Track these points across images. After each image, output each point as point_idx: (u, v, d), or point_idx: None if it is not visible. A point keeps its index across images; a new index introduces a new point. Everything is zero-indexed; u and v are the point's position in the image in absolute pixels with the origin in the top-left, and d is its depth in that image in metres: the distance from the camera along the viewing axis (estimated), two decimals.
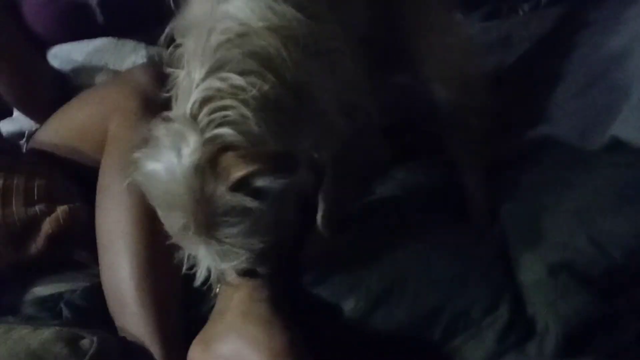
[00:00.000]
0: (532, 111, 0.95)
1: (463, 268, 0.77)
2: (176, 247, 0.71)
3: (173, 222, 0.67)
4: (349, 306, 0.77)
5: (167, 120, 0.67)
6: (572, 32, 0.97)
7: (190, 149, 0.64)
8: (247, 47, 0.67)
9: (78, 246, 0.93)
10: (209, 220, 0.65)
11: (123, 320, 0.83)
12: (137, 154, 0.68)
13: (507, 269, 0.78)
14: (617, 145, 0.82)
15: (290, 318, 0.74)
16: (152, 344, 0.81)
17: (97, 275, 0.87)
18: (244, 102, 0.65)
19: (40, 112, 1.06)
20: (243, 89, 0.65)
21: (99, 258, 0.87)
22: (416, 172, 0.91)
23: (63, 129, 0.99)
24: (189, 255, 0.69)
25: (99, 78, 1.06)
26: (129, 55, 1.06)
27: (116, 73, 1.04)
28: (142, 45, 1.06)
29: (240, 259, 0.67)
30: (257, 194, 0.65)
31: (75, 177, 0.98)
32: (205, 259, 0.68)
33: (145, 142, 0.68)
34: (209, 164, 0.64)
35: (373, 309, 0.76)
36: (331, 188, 0.84)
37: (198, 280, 0.69)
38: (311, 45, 0.70)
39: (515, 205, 0.83)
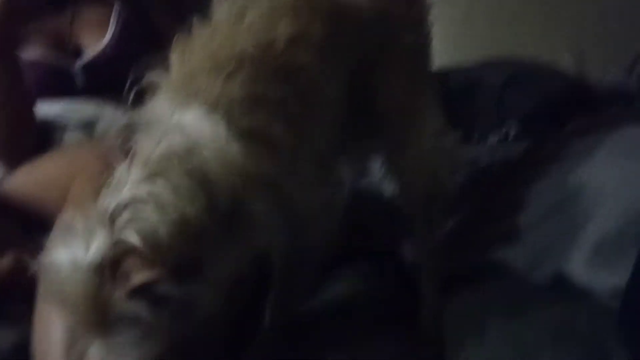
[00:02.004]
0: (491, 232, 0.98)
1: None
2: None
3: (68, 315, 0.66)
4: None
5: (89, 210, 0.67)
6: (536, 164, 1.01)
7: (96, 247, 0.63)
8: (189, 166, 0.67)
9: (17, 298, 0.91)
10: (99, 323, 0.63)
11: None
12: (52, 238, 0.67)
13: None
14: (560, 282, 0.84)
15: None
16: None
17: (29, 330, 0.85)
18: (165, 217, 0.64)
19: (15, 160, 1.07)
20: (168, 205, 0.64)
21: (35, 313, 0.85)
22: (367, 276, 0.92)
23: (28, 181, 1.00)
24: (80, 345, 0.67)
25: (69, 136, 1.07)
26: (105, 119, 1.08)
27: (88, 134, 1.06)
28: (120, 111, 1.08)
29: None
30: (156, 302, 0.63)
31: (30, 230, 0.97)
32: (95, 357, 0.65)
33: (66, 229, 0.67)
34: (111, 266, 0.63)
35: None
36: (280, 290, 0.85)
37: None
38: (258, 179, 0.70)
39: (459, 320, 0.84)
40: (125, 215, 0.64)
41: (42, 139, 1.11)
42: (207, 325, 0.69)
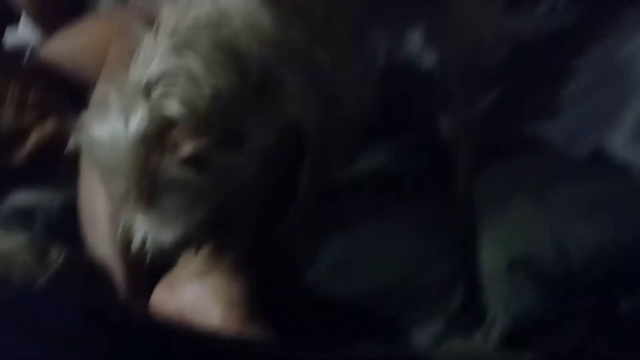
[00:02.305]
0: (530, 106, 0.96)
1: (425, 248, 0.78)
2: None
3: (114, 187, 0.67)
4: (310, 270, 0.78)
5: (122, 84, 0.67)
6: (583, 36, 0.97)
7: (137, 119, 0.63)
8: (218, 37, 0.66)
9: (62, 161, 0.94)
10: (150, 189, 0.64)
11: (93, 241, 0.85)
12: (86, 116, 0.68)
13: (468, 254, 0.80)
14: (600, 156, 0.83)
15: (251, 274, 0.75)
16: (117, 270, 0.83)
17: (76, 192, 0.89)
18: (198, 89, 0.64)
19: (51, 25, 1.07)
20: (200, 78, 0.64)
21: (80, 175, 0.89)
22: (397, 149, 0.92)
23: (67, 46, 1.00)
24: (125, 223, 0.69)
25: (105, 1, 1.06)
26: None
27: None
28: None
29: (179, 231, 0.67)
30: (202, 169, 0.65)
31: (71, 95, 0.99)
32: (142, 228, 0.67)
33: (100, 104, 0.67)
34: (155, 136, 0.63)
35: (332, 276, 0.78)
36: (314, 162, 0.85)
37: (133, 249, 0.69)
38: (290, 49, 0.68)
39: (489, 194, 0.84)
40: (160, 88, 0.64)
41: (77, 4, 1.10)
42: (247, 193, 0.71)
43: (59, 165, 0.94)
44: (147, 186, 0.64)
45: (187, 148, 0.63)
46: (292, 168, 0.87)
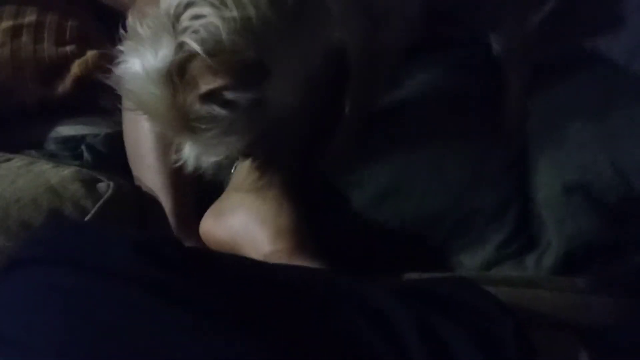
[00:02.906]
0: (588, 19, 0.89)
1: (475, 173, 0.76)
2: None
3: (152, 119, 0.67)
4: (357, 197, 0.77)
5: (154, 14, 0.64)
6: None
7: (163, 52, 0.61)
8: None
9: (104, 91, 0.94)
10: (184, 124, 0.64)
11: (140, 171, 0.86)
12: (121, 46, 0.66)
13: (520, 179, 0.77)
14: None
15: (299, 200, 0.75)
16: (165, 199, 0.83)
17: (120, 123, 0.89)
18: (226, 17, 0.61)
19: None
20: (227, 6, 0.61)
21: (123, 106, 0.88)
22: (448, 66, 0.88)
23: None
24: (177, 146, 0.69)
25: None
26: None
27: None
28: None
29: (220, 155, 0.67)
30: (226, 104, 0.63)
31: (109, 22, 0.97)
32: (190, 152, 0.68)
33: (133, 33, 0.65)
34: (178, 70, 0.61)
35: (380, 203, 0.76)
36: (358, 85, 0.82)
37: (188, 169, 0.69)
38: None
39: (543, 116, 0.80)
40: (186, 17, 0.62)
41: None
42: (289, 120, 0.69)
43: (101, 96, 0.94)
44: (180, 121, 0.64)
45: (205, 85, 0.61)
46: (336, 92, 0.84)
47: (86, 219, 0.79)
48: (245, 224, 0.75)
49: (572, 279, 0.69)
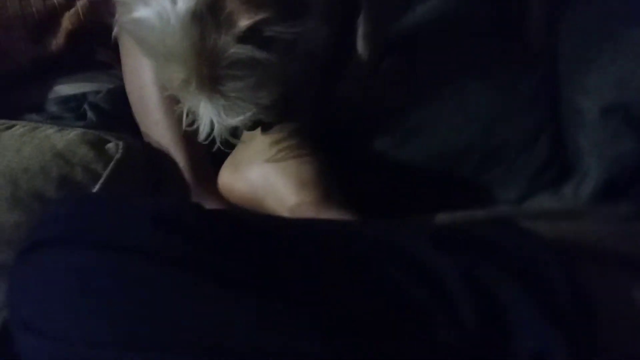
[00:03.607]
0: None
1: (504, 102, 0.71)
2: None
3: (171, 75, 0.60)
4: (380, 137, 0.73)
5: None
6: None
7: None
8: None
9: (100, 44, 0.89)
10: (212, 73, 0.58)
11: (148, 127, 0.82)
12: None
13: (552, 104, 0.73)
14: None
15: (320, 147, 0.71)
16: (178, 154, 0.80)
17: (121, 77, 0.84)
18: None
19: None
20: None
21: (121, 59, 0.83)
22: None
23: None
24: (188, 110, 0.64)
25: None
26: None
27: None
28: None
29: (247, 113, 0.61)
30: (265, 44, 0.57)
31: None
32: (207, 114, 0.62)
33: None
34: (209, 10, 0.55)
35: (404, 142, 0.72)
36: (369, 14, 0.76)
37: (201, 136, 0.64)
38: None
39: (571, 34, 0.74)
40: None
41: None
42: (312, 63, 0.64)
43: (98, 49, 0.89)
44: (208, 69, 0.58)
45: (244, 22, 0.56)
46: (347, 25, 0.79)
47: (99, 183, 0.76)
48: (265, 176, 0.72)
49: (615, 206, 0.66)
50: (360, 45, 0.78)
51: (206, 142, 0.64)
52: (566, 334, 0.49)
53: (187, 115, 0.64)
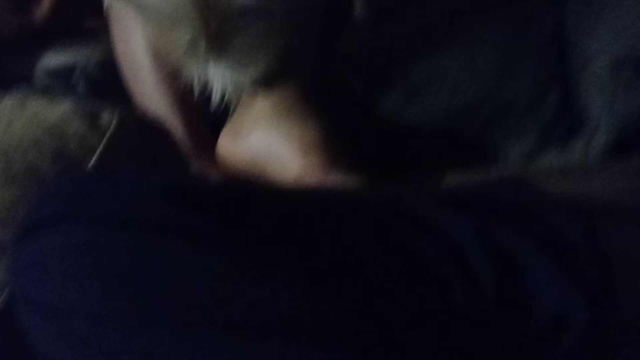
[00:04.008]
0: None
1: (510, 57, 0.69)
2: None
3: (177, 39, 0.57)
4: (383, 97, 0.71)
5: None
6: None
7: None
8: None
9: (86, 11, 0.86)
10: (221, 28, 0.55)
11: (141, 96, 0.79)
12: None
13: (560, 55, 0.71)
14: None
15: (323, 111, 0.69)
16: (173, 122, 0.77)
17: (110, 46, 0.81)
18: None
19: None
20: None
21: (112, 30, 0.80)
22: None
23: None
24: (199, 78, 0.61)
25: None
26: None
27: None
28: None
29: (258, 67, 0.59)
30: None
31: None
32: (218, 75, 0.59)
33: None
34: None
35: (408, 100, 0.70)
36: None
37: (213, 104, 0.61)
38: None
39: None
40: None
41: None
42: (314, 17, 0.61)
43: (85, 16, 0.86)
44: (216, 24, 0.55)
45: None
46: None
47: (94, 156, 0.74)
48: (268, 141, 0.69)
49: (627, 160, 0.65)
50: (357, 4, 0.76)
51: (220, 107, 0.62)
52: (587, 293, 0.48)
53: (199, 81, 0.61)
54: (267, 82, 0.63)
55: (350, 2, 0.75)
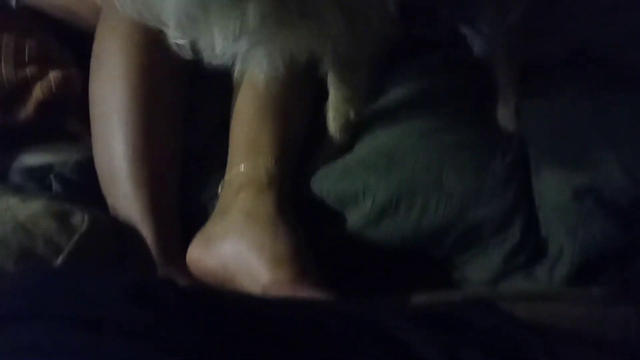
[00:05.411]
0: (575, 12, 0.86)
1: (476, 182, 0.72)
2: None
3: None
4: (353, 216, 0.73)
5: None
6: None
7: None
8: None
9: (70, 115, 0.88)
10: None
11: (115, 200, 0.80)
12: None
13: (524, 185, 0.74)
14: None
15: (294, 223, 0.70)
16: (145, 229, 0.77)
17: (90, 148, 0.83)
18: None
19: None
20: None
21: (92, 131, 0.82)
22: (433, 71, 0.84)
23: None
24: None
25: None
26: None
27: None
28: None
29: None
30: None
31: (70, 42, 0.91)
32: (221, 35, 0.60)
33: None
34: None
35: (378, 220, 0.72)
36: (339, 82, 0.78)
37: (220, 59, 0.62)
38: None
39: (542, 119, 0.77)
40: None
41: None
42: None
43: (68, 120, 0.88)
44: None
45: None
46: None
47: (61, 256, 0.73)
48: (238, 251, 0.70)
49: (588, 289, 0.66)
50: (330, 124, 0.80)
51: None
52: None
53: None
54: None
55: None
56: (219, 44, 0.62)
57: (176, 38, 0.64)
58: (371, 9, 0.73)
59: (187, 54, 0.66)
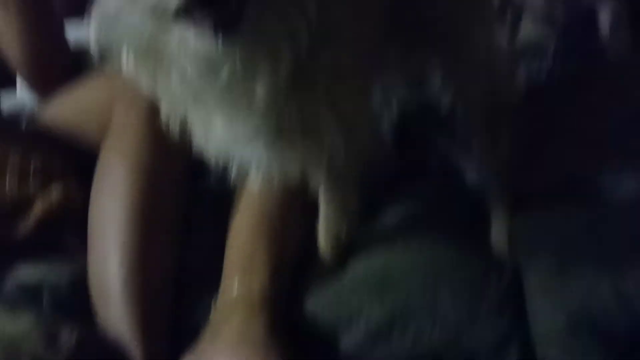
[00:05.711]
0: (566, 145, 0.89)
1: (471, 306, 0.72)
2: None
3: None
4: (347, 339, 0.72)
5: None
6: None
7: None
8: None
9: (69, 231, 0.89)
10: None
11: (106, 315, 0.79)
12: None
13: (518, 309, 0.73)
14: None
15: (287, 345, 0.69)
16: (134, 345, 0.76)
17: (85, 265, 0.83)
18: None
19: (47, 85, 1.01)
20: None
21: (89, 246, 0.83)
22: (427, 193, 0.86)
23: (66, 109, 0.95)
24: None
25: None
26: None
27: None
28: None
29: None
30: None
31: (74, 160, 0.94)
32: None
33: None
34: None
35: (372, 344, 0.71)
36: (330, 201, 0.80)
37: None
38: None
39: (535, 245, 0.77)
40: None
41: (75, 63, 1.05)
42: None
43: (65, 236, 0.89)
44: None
45: None
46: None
47: None
48: None
49: None
50: (321, 246, 0.80)
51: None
52: None
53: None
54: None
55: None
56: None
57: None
58: (367, 128, 0.75)
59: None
